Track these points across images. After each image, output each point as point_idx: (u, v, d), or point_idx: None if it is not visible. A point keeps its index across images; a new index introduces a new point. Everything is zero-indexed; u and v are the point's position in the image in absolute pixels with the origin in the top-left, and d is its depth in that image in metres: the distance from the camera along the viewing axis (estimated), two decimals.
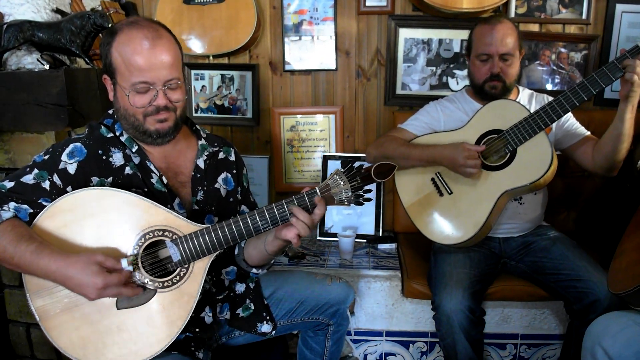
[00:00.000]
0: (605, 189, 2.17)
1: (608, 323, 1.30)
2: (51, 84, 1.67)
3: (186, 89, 1.35)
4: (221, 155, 1.47)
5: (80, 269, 1.10)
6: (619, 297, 1.41)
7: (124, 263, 1.15)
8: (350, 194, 1.23)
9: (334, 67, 2.45)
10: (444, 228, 1.81)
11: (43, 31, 1.75)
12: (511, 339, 2.00)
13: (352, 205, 1.25)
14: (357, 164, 1.25)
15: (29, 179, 1.21)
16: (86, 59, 1.84)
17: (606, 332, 1.28)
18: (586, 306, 1.59)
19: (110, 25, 1.81)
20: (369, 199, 1.26)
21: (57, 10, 1.90)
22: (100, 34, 1.94)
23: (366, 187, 1.25)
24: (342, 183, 1.23)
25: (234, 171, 1.48)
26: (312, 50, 2.44)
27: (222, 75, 2.50)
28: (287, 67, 2.47)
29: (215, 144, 1.46)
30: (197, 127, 1.47)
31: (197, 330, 1.33)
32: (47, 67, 1.75)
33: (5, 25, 1.72)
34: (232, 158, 1.50)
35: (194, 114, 2.54)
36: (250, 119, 2.52)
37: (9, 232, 1.14)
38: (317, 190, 1.22)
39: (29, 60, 1.82)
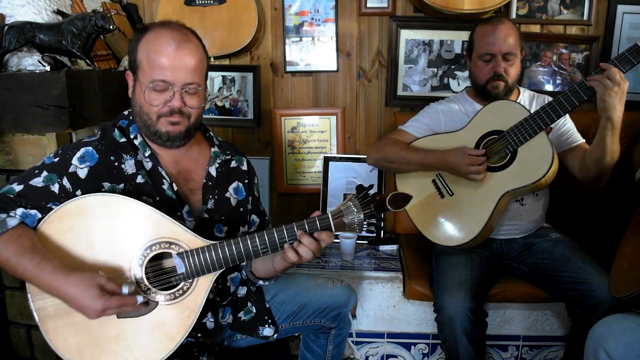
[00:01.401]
0: (606, 191, 2.17)
1: (611, 325, 1.30)
2: (52, 86, 1.67)
3: (205, 99, 1.34)
4: (233, 164, 1.46)
5: (81, 291, 1.09)
6: (621, 301, 1.41)
7: (125, 290, 1.13)
8: (362, 220, 1.20)
9: (335, 68, 2.45)
10: (445, 230, 1.81)
11: (44, 33, 1.75)
12: (513, 341, 2.00)
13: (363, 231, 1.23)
14: (372, 192, 1.22)
15: (38, 181, 1.20)
16: (87, 61, 1.84)
17: (609, 334, 1.27)
18: (588, 309, 1.59)
19: (111, 27, 1.81)
20: (379, 227, 1.25)
21: (58, 12, 1.90)
22: (101, 36, 1.94)
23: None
24: (355, 210, 1.20)
25: (246, 181, 1.47)
26: (313, 52, 2.44)
27: (223, 77, 2.50)
28: (288, 69, 2.47)
29: (228, 152, 1.45)
30: (211, 133, 1.45)
31: (199, 335, 1.32)
32: (48, 68, 1.75)
33: (6, 27, 1.71)
34: (244, 167, 1.49)
35: None
36: (251, 120, 2.51)
37: (12, 243, 1.11)
38: (330, 216, 1.20)
39: (30, 62, 1.81)
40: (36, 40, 1.75)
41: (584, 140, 1.84)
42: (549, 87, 2.39)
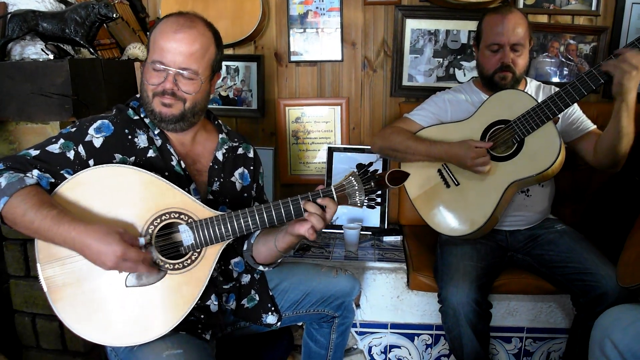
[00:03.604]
0: (613, 182, 2.15)
1: (618, 316, 1.29)
2: (55, 74, 1.66)
3: (207, 89, 1.34)
4: (240, 150, 1.49)
5: (101, 237, 1.10)
6: (628, 291, 1.40)
7: (142, 241, 1.16)
8: (364, 197, 1.25)
9: (339, 58, 2.44)
10: (450, 220, 1.80)
11: (47, 21, 1.74)
12: (517, 332, 1.99)
13: (364, 207, 1.27)
14: (372, 168, 1.27)
15: (54, 148, 1.22)
16: (90, 49, 1.83)
17: (616, 325, 1.27)
18: (593, 299, 1.58)
19: (115, 16, 1.81)
20: (379, 203, 1.29)
21: (61, 0, 1.89)
22: (104, 24, 1.93)
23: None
24: (356, 185, 1.25)
25: (252, 168, 1.50)
26: (318, 41, 2.42)
27: (227, 66, 2.48)
28: (293, 58, 2.45)
29: (235, 140, 1.49)
30: (220, 122, 1.49)
31: (202, 316, 1.33)
32: (51, 57, 1.74)
33: (9, 15, 1.71)
34: (251, 155, 1.52)
35: None
36: (255, 110, 2.51)
37: (32, 197, 1.13)
38: (333, 189, 1.24)
39: (33, 50, 1.81)
40: (39, 28, 1.74)
41: (595, 126, 1.82)
42: (555, 79, 2.36)
